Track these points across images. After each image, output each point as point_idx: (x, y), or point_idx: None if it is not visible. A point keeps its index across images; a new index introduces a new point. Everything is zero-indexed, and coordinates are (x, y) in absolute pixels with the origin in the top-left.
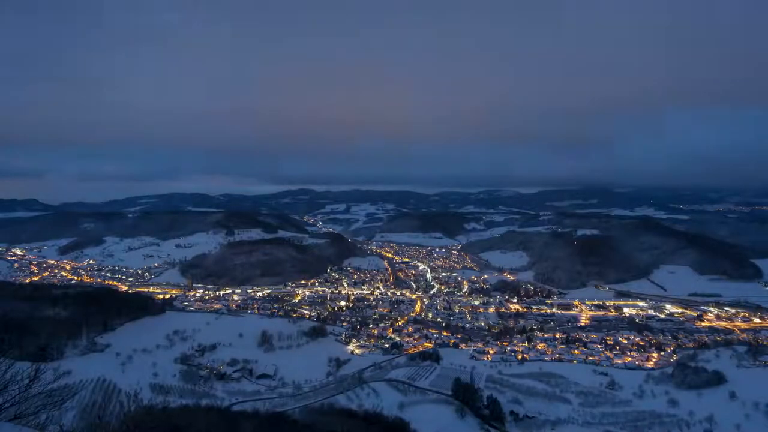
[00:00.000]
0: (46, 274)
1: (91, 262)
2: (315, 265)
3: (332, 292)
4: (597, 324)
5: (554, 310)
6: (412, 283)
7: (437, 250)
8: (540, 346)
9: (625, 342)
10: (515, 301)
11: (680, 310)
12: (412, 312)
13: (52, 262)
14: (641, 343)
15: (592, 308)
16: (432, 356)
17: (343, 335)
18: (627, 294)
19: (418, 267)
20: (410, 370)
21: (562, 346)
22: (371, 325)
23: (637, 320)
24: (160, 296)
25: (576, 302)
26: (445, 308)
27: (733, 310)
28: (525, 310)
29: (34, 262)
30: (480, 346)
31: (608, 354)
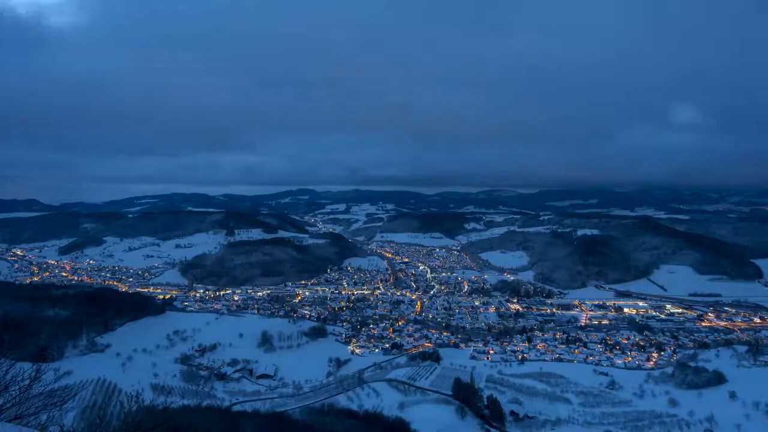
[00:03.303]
0: (46, 274)
1: (91, 262)
2: (315, 265)
3: (332, 292)
4: (597, 324)
5: (554, 310)
6: (412, 284)
7: (437, 250)
8: (540, 346)
9: (626, 342)
10: (515, 301)
11: (680, 310)
12: (413, 312)
13: (52, 262)
14: (641, 343)
15: (593, 308)
16: (432, 356)
17: (344, 335)
18: (627, 294)
19: (418, 267)
20: (410, 370)
21: (563, 346)
22: (371, 326)
23: (637, 320)
24: (160, 296)
25: (576, 302)
26: (445, 308)
27: (734, 310)
28: (525, 310)
29: (34, 263)
30: (480, 346)
31: (608, 354)
